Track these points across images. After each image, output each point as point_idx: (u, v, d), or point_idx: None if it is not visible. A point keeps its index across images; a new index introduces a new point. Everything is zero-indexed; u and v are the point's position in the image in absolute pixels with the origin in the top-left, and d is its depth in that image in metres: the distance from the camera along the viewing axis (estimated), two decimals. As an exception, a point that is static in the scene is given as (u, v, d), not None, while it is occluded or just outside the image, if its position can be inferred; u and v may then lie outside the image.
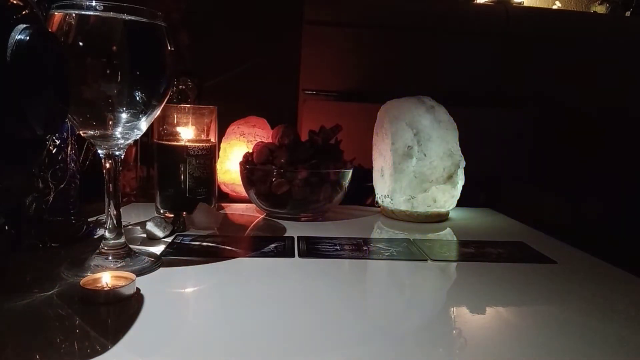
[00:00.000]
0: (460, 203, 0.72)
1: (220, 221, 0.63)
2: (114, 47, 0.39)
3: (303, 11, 1.15)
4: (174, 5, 1.04)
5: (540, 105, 1.24)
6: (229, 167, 0.83)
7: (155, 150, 0.66)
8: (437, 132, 0.67)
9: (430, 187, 0.67)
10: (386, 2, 1.22)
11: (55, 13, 0.39)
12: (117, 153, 0.44)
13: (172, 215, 0.61)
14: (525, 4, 1.54)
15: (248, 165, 0.68)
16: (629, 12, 1.54)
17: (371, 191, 0.76)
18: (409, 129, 0.67)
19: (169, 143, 0.66)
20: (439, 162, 0.67)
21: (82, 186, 0.56)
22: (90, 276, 0.39)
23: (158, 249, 0.51)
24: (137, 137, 0.45)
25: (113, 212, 0.45)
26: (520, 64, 1.24)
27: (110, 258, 0.44)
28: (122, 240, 0.46)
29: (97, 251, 0.45)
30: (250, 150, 0.71)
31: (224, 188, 0.84)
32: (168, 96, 0.44)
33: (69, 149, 0.53)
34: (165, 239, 0.55)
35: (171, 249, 0.52)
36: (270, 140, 0.75)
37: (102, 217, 0.49)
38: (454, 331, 0.35)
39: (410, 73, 1.21)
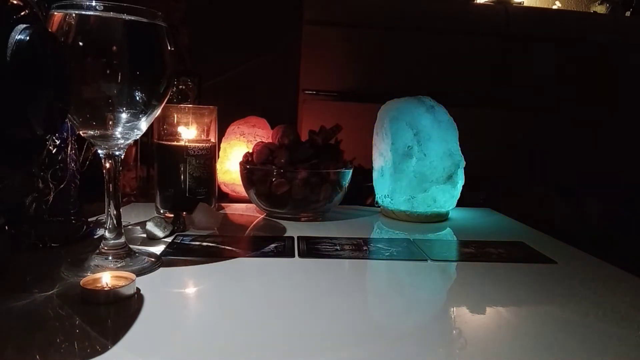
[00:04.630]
0: (460, 203, 0.72)
1: (220, 221, 0.63)
2: (114, 47, 0.39)
3: (303, 11, 1.16)
4: (174, 5, 1.04)
5: (540, 105, 1.24)
6: (229, 167, 0.83)
7: (155, 150, 0.66)
8: (437, 132, 0.67)
9: (430, 187, 0.67)
10: (386, 3, 1.22)
11: (55, 13, 0.39)
12: (117, 153, 0.44)
13: (172, 215, 0.61)
14: (525, 4, 1.54)
15: (248, 165, 0.68)
16: (629, 12, 1.54)
17: (371, 191, 0.76)
18: (409, 129, 0.67)
19: (169, 143, 0.66)
20: (439, 162, 0.67)
21: (82, 186, 0.56)
22: (90, 276, 0.39)
23: (158, 249, 0.51)
24: (137, 137, 0.45)
25: (113, 212, 0.45)
26: (520, 63, 1.24)
27: (110, 258, 0.44)
28: (122, 240, 0.46)
29: (97, 251, 0.45)
30: (250, 150, 0.71)
31: (224, 188, 0.84)
32: (168, 96, 0.44)
33: (69, 149, 0.53)
34: (165, 239, 0.55)
35: (171, 249, 0.52)
36: (270, 140, 0.75)
37: (102, 217, 0.49)
38: (454, 331, 0.35)
39: (410, 73, 1.21)
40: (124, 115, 0.41)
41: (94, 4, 0.38)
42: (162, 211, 0.66)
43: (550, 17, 1.33)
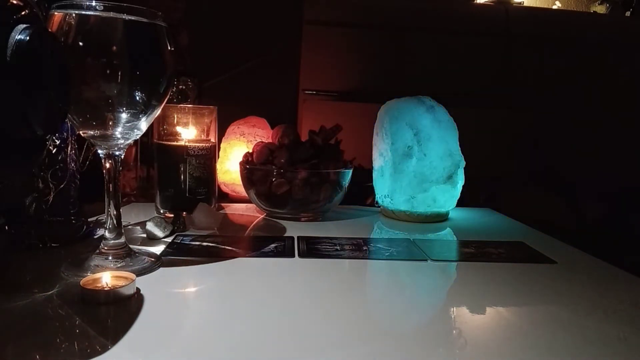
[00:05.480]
0: (460, 203, 0.72)
1: (220, 221, 0.63)
2: (114, 47, 0.39)
3: (303, 11, 1.15)
4: (174, 5, 1.04)
5: (540, 105, 1.23)
6: (229, 167, 0.83)
7: (155, 150, 0.66)
8: (437, 132, 0.67)
9: (430, 187, 0.67)
10: (386, 2, 1.22)
11: (55, 13, 0.39)
12: (117, 153, 0.44)
13: (172, 215, 0.61)
14: (525, 4, 1.54)
15: (248, 165, 0.68)
16: (629, 12, 1.54)
17: (371, 191, 0.76)
18: (409, 129, 0.67)
19: (169, 143, 0.66)
20: (439, 162, 0.67)
21: (82, 186, 0.56)
22: (90, 276, 0.39)
23: (158, 249, 0.51)
24: (137, 137, 0.45)
25: (113, 212, 0.45)
26: (520, 64, 1.24)
27: (110, 258, 0.44)
28: (122, 240, 0.46)
29: (97, 251, 0.45)
30: (250, 150, 0.71)
31: (224, 188, 0.84)
32: (168, 96, 0.44)
33: (69, 149, 0.53)
34: (165, 239, 0.55)
35: (171, 249, 0.52)
36: (270, 140, 0.75)
37: (102, 217, 0.49)
38: (454, 331, 0.35)
39: (410, 73, 1.21)
40: (124, 115, 0.41)
41: (94, 4, 0.38)
42: (162, 211, 0.66)
43: (550, 17, 1.33)
